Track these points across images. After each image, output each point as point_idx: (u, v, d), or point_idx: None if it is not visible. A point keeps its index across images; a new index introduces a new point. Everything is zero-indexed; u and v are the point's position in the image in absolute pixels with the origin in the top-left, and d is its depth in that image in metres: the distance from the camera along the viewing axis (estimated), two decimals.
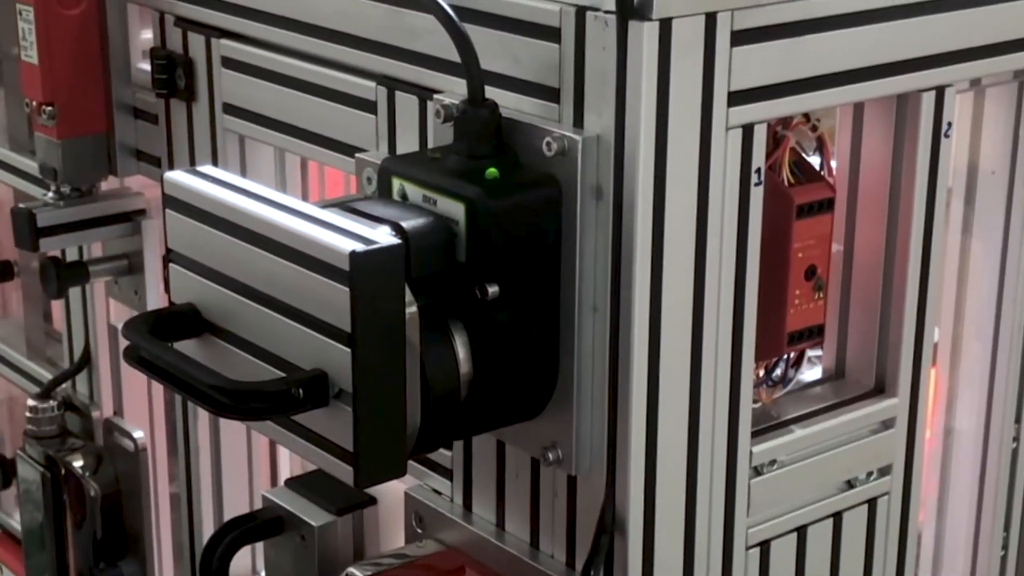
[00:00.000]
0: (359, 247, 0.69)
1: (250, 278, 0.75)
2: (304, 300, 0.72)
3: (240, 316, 0.76)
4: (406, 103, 0.87)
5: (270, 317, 0.74)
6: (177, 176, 0.79)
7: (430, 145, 0.84)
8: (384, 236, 0.71)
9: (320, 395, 0.72)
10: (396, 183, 0.79)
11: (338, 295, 0.70)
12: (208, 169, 0.80)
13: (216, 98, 1.04)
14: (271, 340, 0.75)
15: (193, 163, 1.08)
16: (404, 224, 0.75)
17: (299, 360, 0.73)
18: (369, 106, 0.90)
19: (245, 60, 1.00)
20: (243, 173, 1.05)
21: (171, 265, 0.80)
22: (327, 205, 0.77)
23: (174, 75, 1.07)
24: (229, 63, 1.02)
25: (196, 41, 1.05)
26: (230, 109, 1.03)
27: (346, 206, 0.78)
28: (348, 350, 0.70)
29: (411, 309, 0.72)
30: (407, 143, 0.88)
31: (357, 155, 0.87)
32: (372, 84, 0.90)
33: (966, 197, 1.01)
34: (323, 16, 0.92)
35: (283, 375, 0.73)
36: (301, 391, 0.72)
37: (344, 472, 0.73)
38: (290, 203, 0.75)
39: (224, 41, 1.02)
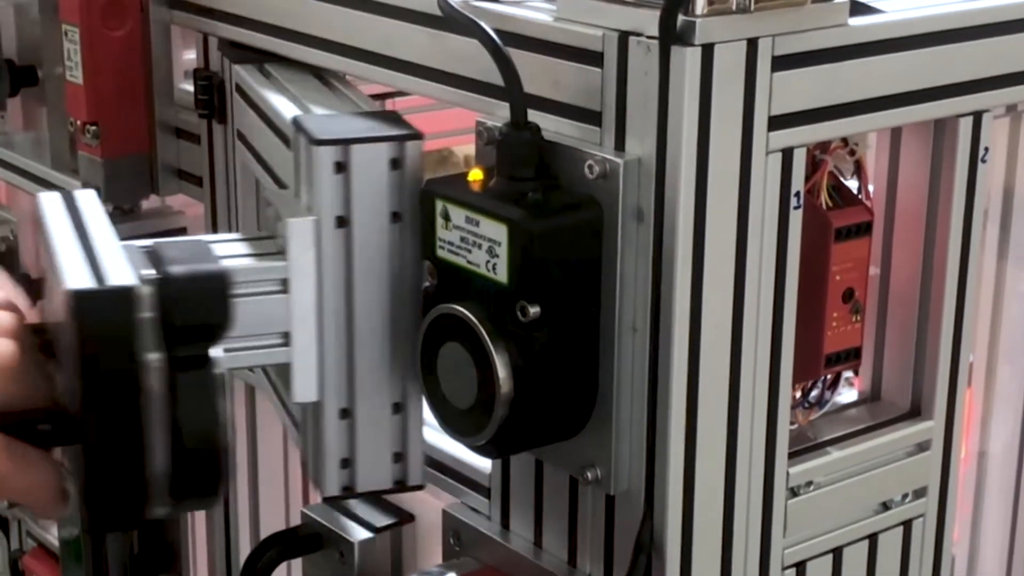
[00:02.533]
0: (82, 286, 0.67)
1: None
2: (62, 335, 0.71)
3: None
4: None
5: None
6: (44, 197, 0.79)
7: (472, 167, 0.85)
8: (125, 278, 0.69)
9: (64, 433, 0.71)
10: (439, 204, 0.81)
11: (72, 332, 0.68)
12: (81, 195, 0.79)
13: None
14: None
15: (234, 183, 1.09)
16: (174, 269, 0.72)
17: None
18: None
19: None
20: None
21: None
22: (149, 240, 0.76)
23: (216, 96, 1.09)
24: None
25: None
26: None
27: (157, 243, 0.76)
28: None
29: (152, 356, 0.69)
30: None
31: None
32: None
33: (1001, 222, 1.01)
34: (368, 40, 0.93)
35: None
36: (49, 425, 0.71)
37: (83, 513, 0.71)
38: (93, 228, 0.74)
39: (267, 64, 1.03)
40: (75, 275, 0.68)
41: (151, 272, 0.71)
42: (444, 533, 0.93)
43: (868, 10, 0.82)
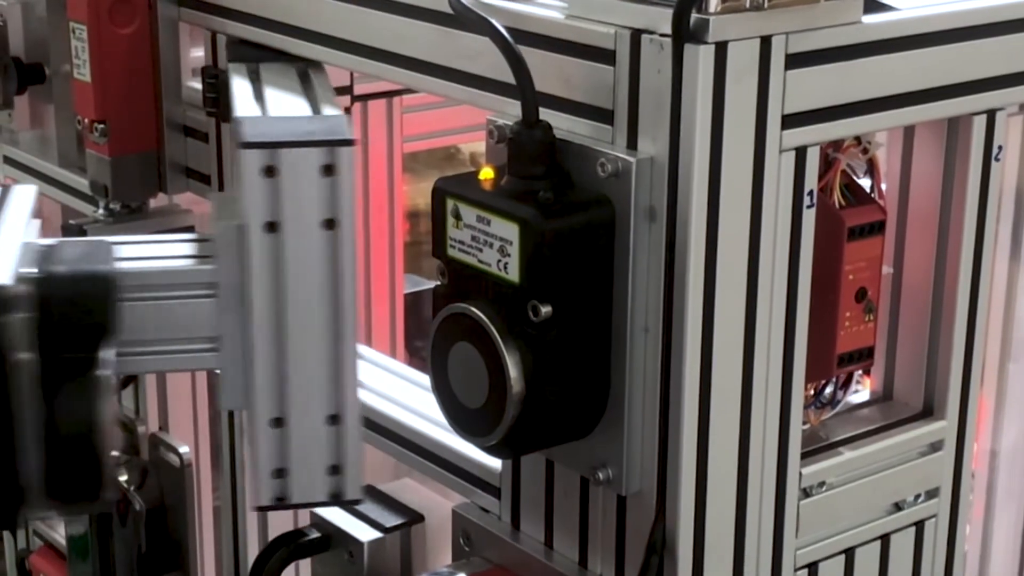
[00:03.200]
0: None
1: None
2: None
3: None
4: None
5: None
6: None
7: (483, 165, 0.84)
8: (2, 275, 0.68)
9: None
10: (450, 203, 0.80)
11: None
12: (18, 190, 0.79)
13: None
14: None
15: None
16: (55, 269, 0.71)
17: None
18: None
19: None
20: None
21: None
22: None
23: (224, 94, 1.08)
24: None
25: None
26: None
27: (62, 244, 0.75)
28: None
29: (23, 356, 0.68)
30: None
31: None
32: None
33: (1014, 221, 1.01)
34: (378, 38, 0.93)
35: None
36: None
37: None
38: (6, 234, 0.73)
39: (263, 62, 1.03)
40: None
41: (32, 271, 0.70)
42: (454, 533, 0.93)
43: (882, 8, 0.82)
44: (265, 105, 0.89)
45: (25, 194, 0.79)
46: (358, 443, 0.81)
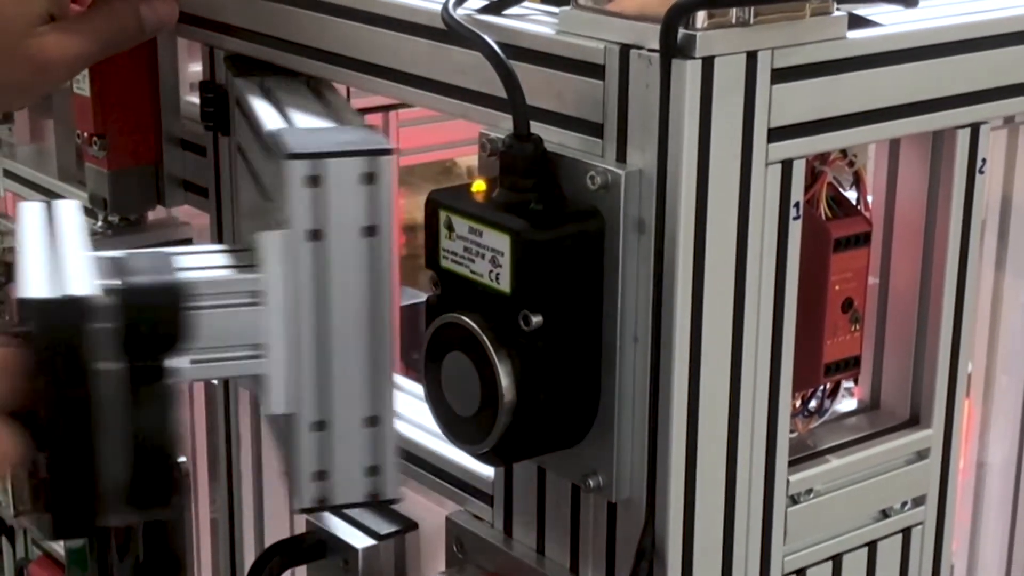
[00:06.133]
0: (33, 295, 0.69)
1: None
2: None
3: None
4: None
5: None
6: (25, 207, 0.80)
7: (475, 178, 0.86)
8: (83, 287, 0.70)
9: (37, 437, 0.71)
10: (442, 215, 0.81)
11: (27, 340, 0.69)
12: (63, 205, 0.81)
13: None
14: None
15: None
16: (133, 280, 0.73)
17: None
18: None
19: None
20: None
21: None
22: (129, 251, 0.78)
23: (222, 108, 1.10)
24: None
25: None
26: None
27: (127, 255, 0.77)
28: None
29: (107, 366, 0.70)
30: None
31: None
32: None
33: (999, 232, 1.02)
34: (372, 52, 0.94)
35: None
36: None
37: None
38: (67, 238, 0.76)
39: (268, 77, 1.04)
40: (32, 284, 0.69)
41: (113, 282, 0.72)
42: (447, 540, 0.94)
43: (866, 23, 0.83)
44: (290, 119, 0.91)
45: (72, 209, 0.81)
46: (394, 444, 0.83)
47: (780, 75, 0.78)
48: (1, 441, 0.70)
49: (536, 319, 0.77)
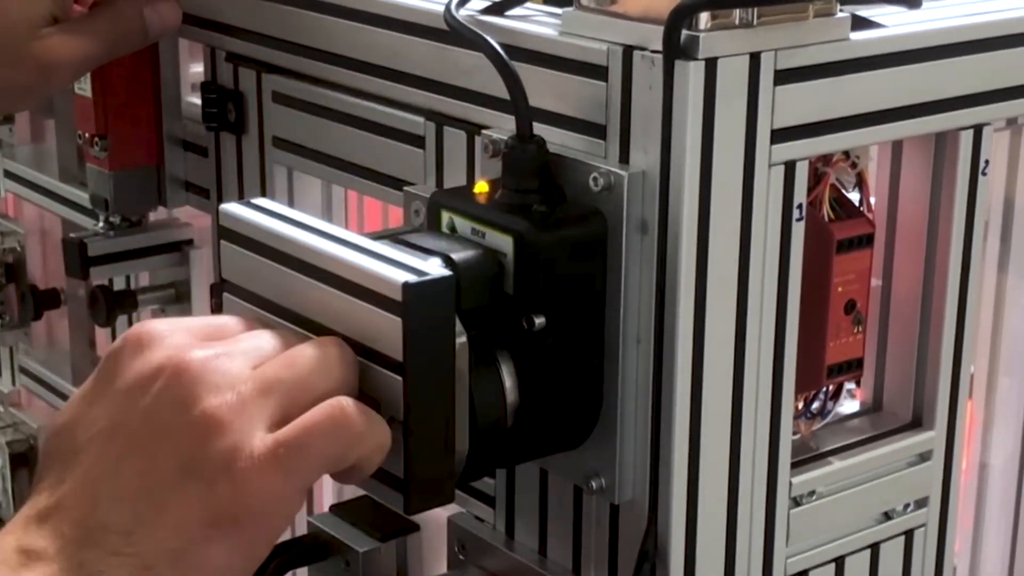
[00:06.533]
0: (412, 278, 0.71)
1: (303, 308, 0.77)
2: (356, 330, 0.74)
3: None
4: (454, 138, 0.90)
5: None
6: (233, 208, 0.80)
7: (478, 179, 0.86)
8: (435, 268, 0.73)
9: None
10: (445, 216, 0.81)
11: (391, 325, 0.71)
12: (262, 201, 0.81)
13: (265, 132, 1.07)
14: None
15: (242, 195, 1.10)
16: (454, 256, 0.77)
17: None
18: (417, 141, 0.92)
19: (294, 95, 1.03)
20: (291, 205, 1.07)
21: (225, 295, 0.82)
22: (378, 237, 0.79)
23: (224, 109, 1.10)
24: (279, 97, 1.04)
25: (246, 76, 1.07)
26: (279, 143, 1.06)
27: (396, 238, 0.79)
28: (400, 379, 0.72)
29: (461, 339, 0.74)
30: (455, 177, 0.90)
31: (406, 188, 0.89)
32: (420, 119, 0.92)
33: (1002, 234, 1.02)
34: (372, 53, 0.94)
35: None
36: None
37: (394, 498, 0.74)
38: (343, 235, 0.77)
39: (274, 76, 1.05)
40: (390, 271, 0.72)
41: (438, 262, 0.75)
42: (449, 542, 0.94)
43: (869, 25, 0.83)
44: None
45: (270, 204, 0.82)
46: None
47: (783, 76, 0.78)
48: (378, 432, 0.72)
49: (539, 320, 0.77)
